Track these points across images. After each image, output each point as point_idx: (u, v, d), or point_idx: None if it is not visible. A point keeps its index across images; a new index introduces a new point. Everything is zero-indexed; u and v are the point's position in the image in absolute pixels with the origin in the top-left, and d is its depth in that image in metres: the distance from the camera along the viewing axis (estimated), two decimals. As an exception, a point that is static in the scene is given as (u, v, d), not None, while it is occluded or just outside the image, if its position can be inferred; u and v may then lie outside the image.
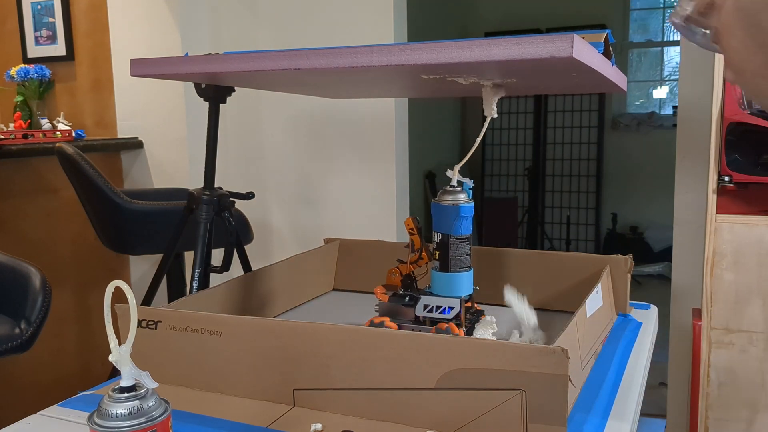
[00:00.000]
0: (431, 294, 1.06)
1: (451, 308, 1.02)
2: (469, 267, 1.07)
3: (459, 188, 1.05)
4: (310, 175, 2.61)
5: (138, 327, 0.91)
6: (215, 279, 2.40)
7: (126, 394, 0.60)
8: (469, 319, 1.05)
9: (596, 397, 0.86)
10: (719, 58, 1.68)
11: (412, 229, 1.12)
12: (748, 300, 1.71)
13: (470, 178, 1.09)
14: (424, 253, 1.12)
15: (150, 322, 0.93)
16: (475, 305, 1.09)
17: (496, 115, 1.12)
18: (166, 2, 2.55)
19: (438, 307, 1.03)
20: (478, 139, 1.11)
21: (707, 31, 0.43)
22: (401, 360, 0.80)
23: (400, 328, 1.02)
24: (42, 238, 2.45)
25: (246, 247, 1.87)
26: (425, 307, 1.04)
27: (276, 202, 2.67)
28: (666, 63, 5.85)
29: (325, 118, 2.54)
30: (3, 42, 2.96)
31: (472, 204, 1.06)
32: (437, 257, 1.06)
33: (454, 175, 1.07)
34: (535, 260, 1.25)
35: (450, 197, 1.05)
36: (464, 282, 1.05)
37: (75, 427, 0.82)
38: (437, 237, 1.05)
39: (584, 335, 0.93)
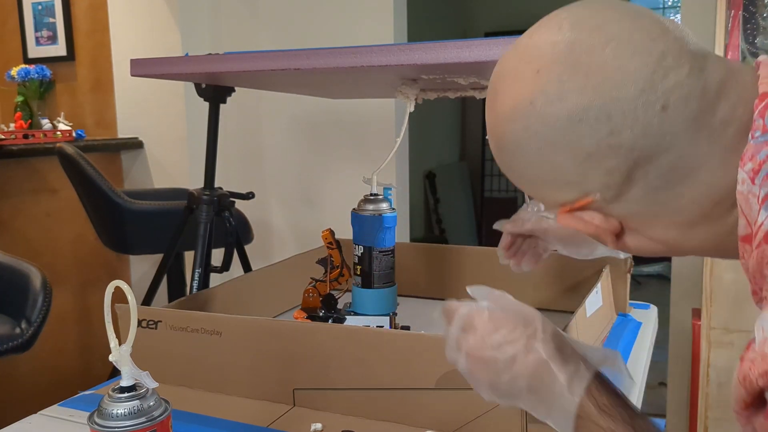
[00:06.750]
0: (355, 314, 0.99)
1: (381, 327, 0.95)
2: (393, 282, 0.99)
3: (380, 196, 1.00)
4: (310, 175, 2.61)
5: (138, 327, 0.91)
6: (215, 279, 2.39)
7: (126, 394, 0.60)
8: None
9: (596, 397, 0.86)
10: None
11: (330, 242, 1.03)
12: (748, 300, 1.71)
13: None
14: (344, 270, 1.04)
15: (150, 322, 0.93)
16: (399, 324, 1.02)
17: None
18: (166, 2, 2.55)
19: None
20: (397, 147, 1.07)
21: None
22: (401, 360, 0.80)
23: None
24: (42, 238, 2.45)
25: (246, 247, 1.87)
26: None
27: (276, 202, 2.67)
28: (666, 63, 5.85)
29: (325, 118, 2.54)
30: (3, 42, 2.96)
31: (395, 214, 1.00)
32: (359, 272, 0.98)
33: (373, 182, 1.01)
34: (535, 260, 1.25)
35: (371, 206, 0.99)
36: (389, 298, 0.99)
37: (75, 427, 0.82)
38: (358, 250, 0.98)
39: (584, 335, 0.93)
